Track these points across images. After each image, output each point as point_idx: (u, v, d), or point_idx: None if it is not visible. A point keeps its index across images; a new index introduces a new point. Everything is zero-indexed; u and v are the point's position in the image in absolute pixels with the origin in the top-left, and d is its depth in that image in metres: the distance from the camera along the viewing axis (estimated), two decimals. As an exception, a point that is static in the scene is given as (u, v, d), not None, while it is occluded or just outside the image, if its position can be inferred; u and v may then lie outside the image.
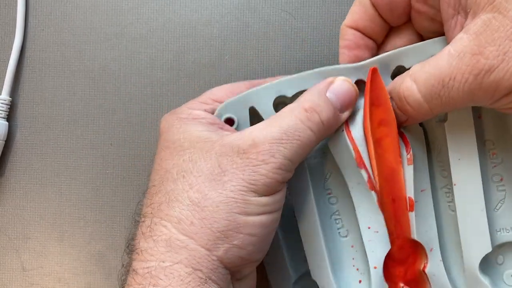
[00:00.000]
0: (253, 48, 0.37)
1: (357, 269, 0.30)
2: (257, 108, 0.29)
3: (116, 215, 0.37)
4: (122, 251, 0.37)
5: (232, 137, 0.27)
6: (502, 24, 0.23)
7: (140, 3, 0.37)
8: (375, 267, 0.29)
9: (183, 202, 0.25)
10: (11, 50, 0.37)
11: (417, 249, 0.29)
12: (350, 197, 0.29)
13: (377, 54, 0.29)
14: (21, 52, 0.38)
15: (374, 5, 0.28)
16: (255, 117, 0.30)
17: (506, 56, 0.23)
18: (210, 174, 0.26)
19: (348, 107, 0.28)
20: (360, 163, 0.28)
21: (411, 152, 0.28)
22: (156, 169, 0.28)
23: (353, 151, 0.28)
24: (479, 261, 0.28)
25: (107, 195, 0.37)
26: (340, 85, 0.28)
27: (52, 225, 0.38)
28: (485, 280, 0.28)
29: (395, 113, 0.28)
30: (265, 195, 0.26)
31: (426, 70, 0.25)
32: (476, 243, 0.28)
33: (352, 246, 0.31)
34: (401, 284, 0.29)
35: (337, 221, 0.31)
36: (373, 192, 0.28)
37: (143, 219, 0.27)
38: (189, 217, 0.25)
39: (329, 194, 0.31)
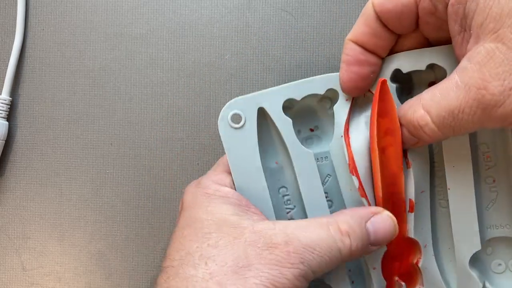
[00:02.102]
0: (253, 48, 0.37)
1: (350, 270, 0.32)
2: (267, 110, 0.30)
3: (116, 214, 0.37)
4: (122, 251, 0.37)
5: (264, 225, 0.26)
6: (506, 57, 0.22)
7: (140, 3, 0.37)
8: (374, 268, 0.30)
9: None
10: (11, 50, 0.37)
11: (411, 245, 0.30)
12: (344, 202, 0.31)
13: (379, 70, 0.29)
14: (21, 52, 0.38)
15: (380, 18, 0.27)
16: (263, 118, 0.30)
17: None
18: (235, 266, 0.24)
19: (382, 244, 0.28)
20: (352, 170, 0.29)
21: (408, 155, 0.29)
22: (177, 247, 0.27)
23: (347, 157, 0.29)
24: (469, 258, 0.30)
25: (107, 195, 0.37)
26: (384, 221, 0.28)
27: (52, 225, 0.38)
28: (474, 273, 0.30)
29: (406, 137, 0.28)
30: None
31: (436, 101, 0.25)
32: (467, 243, 0.30)
33: None
34: (396, 278, 0.31)
35: None
36: (364, 199, 0.29)
37: None
38: None
39: (326, 197, 0.31)
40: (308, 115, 0.32)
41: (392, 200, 0.29)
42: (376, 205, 0.29)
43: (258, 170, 0.30)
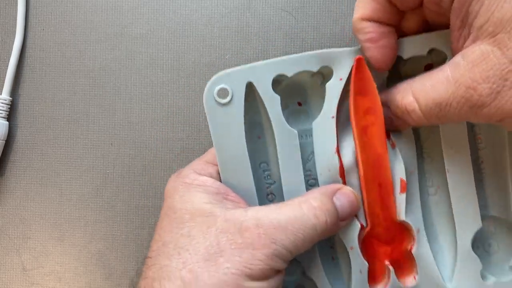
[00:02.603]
0: (253, 48, 0.37)
1: (331, 247, 0.32)
2: (255, 85, 0.29)
3: (117, 214, 0.37)
4: (123, 251, 0.37)
5: (237, 213, 0.26)
6: (499, 61, 0.23)
7: (140, 3, 0.37)
8: (351, 248, 0.30)
9: (175, 282, 0.24)
10: (11, 50, 0.37)
11: (404, 231, 0.30)
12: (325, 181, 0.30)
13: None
14: (21, 52, 0.38)
15: None
16: (251, 93, 0.29)
17: (499, 95, 0.23)
18: (207, 253, 0.25)
19: (348, 218, 0.29)
20: (337, 150, 0.29)
21: (391, 137, 0.30)
22: (156, 239, 0.27)
23: (335, 138, 0.29)
24: (471, 238, 0.30)
25: (107, 195, 0.38)
26: (347, 195, 0.29)
27: (53, 225, 0.38)
28: (475, 254, 0.30)
29: (392, 119, 0.28)
30: (259, 280, 0.25)
31: (426, 91, 0.26)
32: (468, 223, 0.30)
33: None
34: (387, 262, 0.31)
35: None
36: (341, 179, 0.29)
37: None
38: None
39: (309, 176, 0.31)
40: (298, 89, 0.31)
41: (379, 181, 0.29)
42: (360, 185, 0.29)
43: (243, 148, 0.29)
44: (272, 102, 0.29)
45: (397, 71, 0.31)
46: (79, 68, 0.38)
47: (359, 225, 0.30)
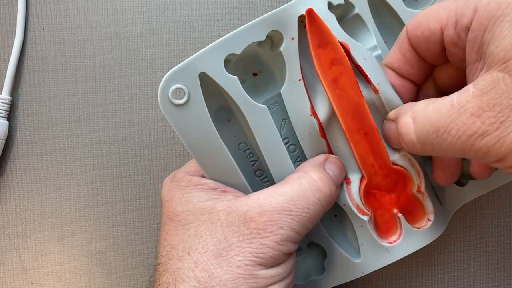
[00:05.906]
0: (253, 48, 0.37)
1: (334, 207, 0.32)
2: (208, 73, 0.27)
3: (117, 214, 0.37)
4: (123, 251, 0.37)
5: (238, 203, 0.26)
6: (508, 89, 0.22)
7: (140, 2, 0.37)
8: (343, 205, 0.30)
9: (190, 283, 0.25)
10: (11, 49, 0.37)
11: (403, 175, 0.30)
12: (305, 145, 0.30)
13: (417, 96, 0.29)
14: (21, 52, 0.38)
15: (412, 46, 0.27)
16: (206, 83, 0.28)
17: (502, 125, 0.22)
18: (216, 250, 0.25)
19: (339, 185, 0.29)
20: (313, 112, 0.28)
21: (373, 82, 0.28)
22: (163, 244, 0.28)
23: (308, 100, 0.28)
24: None
25: (107, 195, 0.38)
26: (334, 162, 0.29)
27: (53, 225, 0.38)
28: None
29: (394, 137, 0.28)
30: (272, 267, 0.25)
31: (426, 113, 0.24)
32: None
33: None
34: (395, 210, 0.30)
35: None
36: (323, 140, 0.29)
37: None
38: None
39: (288, 142, 0.30)
40: (249, 61, 0.30)
41: (364, 131, 0.28)
42: (346, 139, 0.29)
43: (217, 141, 0.28)
44: (231, 85, 0.28)
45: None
46: (79, 67, 0.38)
47: (344, 185, 0.30)
